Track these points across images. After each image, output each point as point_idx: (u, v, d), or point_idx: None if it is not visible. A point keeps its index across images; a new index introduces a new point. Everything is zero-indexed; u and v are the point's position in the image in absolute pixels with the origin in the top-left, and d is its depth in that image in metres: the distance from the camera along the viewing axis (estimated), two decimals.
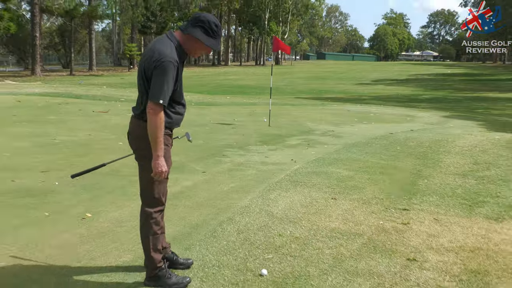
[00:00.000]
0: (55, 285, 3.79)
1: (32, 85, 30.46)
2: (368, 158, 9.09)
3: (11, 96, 20.72)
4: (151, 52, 3.49)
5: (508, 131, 13.92)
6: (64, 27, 61.01)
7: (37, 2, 45.87)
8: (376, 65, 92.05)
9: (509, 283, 3.94)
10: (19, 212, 5.54)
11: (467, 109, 24.97)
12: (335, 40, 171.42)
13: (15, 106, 17.06)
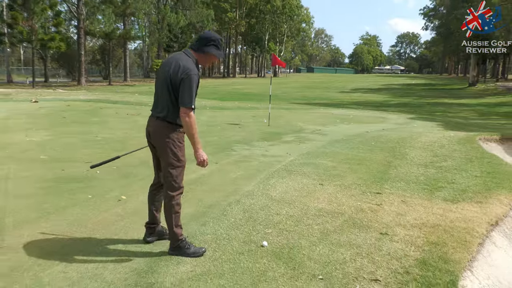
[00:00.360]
0: (96, 254, 3.79)
1: (78, 93, 30.44)
2: (348, 151, 9.06)
3: (61, 102, 20.71)
4: (176, 67, 3.55)
5: (461, 130, 13.88)
6: (104, 46, 60.99)
7: (82, 26, 45.91)
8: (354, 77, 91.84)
9: (462, 252, 3.92)
10: (68, 195, 5.54)
11: (427, 112, 24.93)
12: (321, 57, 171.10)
13: (65, 109, 17.06)
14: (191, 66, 3.57)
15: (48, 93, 29.23)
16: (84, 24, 46.35)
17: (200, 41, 3.74)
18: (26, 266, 3.53)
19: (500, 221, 5.06)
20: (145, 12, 56.04)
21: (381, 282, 3.37)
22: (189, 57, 3.66)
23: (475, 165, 7.78)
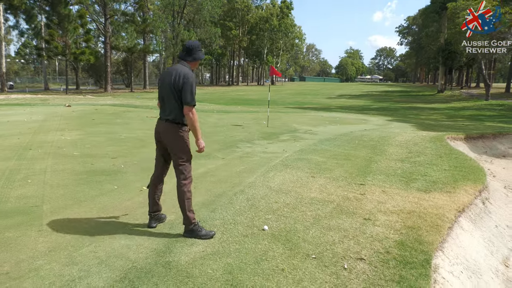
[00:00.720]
0: (121, 236, 3.77)
1: (105, 99, 30.37)
2: (336, 149, 9.03)
3: (91, 106, 20.65)
4: (177, 76, 3.71)
5: (431, 130, 13.83)
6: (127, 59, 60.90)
7: (108, 42, 45.85)
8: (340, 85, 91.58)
9: (434, 235, 3.89)
10: (97, 186, 5.51)
11: (403, 115, 24.86)
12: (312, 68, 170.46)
13: (93, 112, 17.00)
14: (189, 72, 3.74)
15: (79, 98, 29.17)
16: (110, 40, 46.30)
17: (190, 51, 3.86)
18: (62, 246, 3.51)
19: (466, 208, 5.03)
20: (162, 30, 55.90)
21: (365, 260, 3.34)
22: (185, 66, 3.80)
23: (444, 160, 7.74)
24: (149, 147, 8.79)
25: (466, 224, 4.71)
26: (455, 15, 37.74)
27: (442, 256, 3.69)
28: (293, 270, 3.16)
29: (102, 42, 54.12)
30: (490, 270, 4.08)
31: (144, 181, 5.84)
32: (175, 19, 61.27)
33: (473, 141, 12.39)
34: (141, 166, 6.89)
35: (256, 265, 3.22)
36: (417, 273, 3.12)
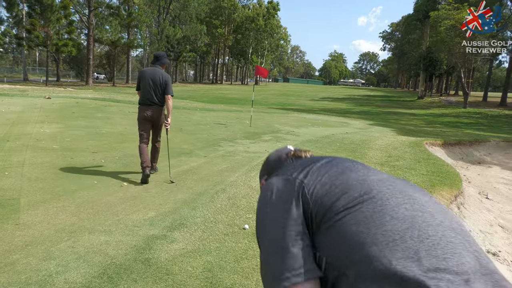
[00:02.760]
0: (100, 232, 3.73)
1: (86, 92, 29.88)
2: (317, 150, 9.10)
3: (71, 99, 20.29)
4: (161, 76, 5.65)
5: (411, 135, 14.07)
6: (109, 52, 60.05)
7: (92, 34, 45.09)
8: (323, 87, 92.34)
9: None
10: (76, 180, 5.43)
11: (383, 119, 25.20)
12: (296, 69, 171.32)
13: (74, 106, 16.71)
14: (167, 74, 5.75)
15: (59, 91, 28.63)
16: (93, 32, 45.54)
17: (161, 58, 5.81)
18: (39, 241, 3.45)
19: None
20: (147, 24, 55.23)
21: None
22: (161, 69, 5.73)
23: (422, 165, 7.90)
24: (130, 142, 8.71)
25: None
26: (437, 24, 38.50)
27: None
28: None
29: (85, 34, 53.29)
30: None
31: (124, 176, 5.79)
32: (161, 15, 60.75)
33: (451, 147, 12.66)
34: (122, 161, 6.82)
35: (236, 264, 3.23)
36: None
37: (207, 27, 69.52)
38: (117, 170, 6.18)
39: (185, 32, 62.98)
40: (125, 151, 7.77)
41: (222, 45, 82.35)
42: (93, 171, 6.04)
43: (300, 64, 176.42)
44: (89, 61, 45.62)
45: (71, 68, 65.69)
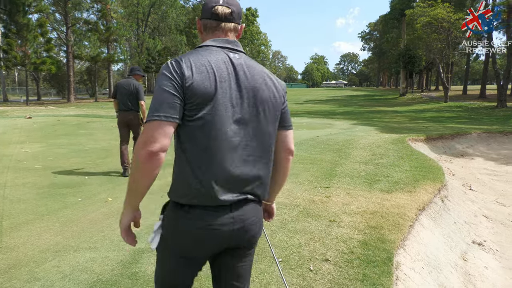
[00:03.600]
0: (86, 249, 3.69)
1: (68, 109, 29.57)
2: (302, 153, 9.16)
3: (53, 117, 20.06)
4: (133, 85, 6.82)
5: (394, 132, 14.23)
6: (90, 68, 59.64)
7: (71, 51, 44.74)
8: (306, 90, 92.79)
9: (396, 233, 4.03)
10: (60, 199, 5.37)
11: (367, 118, 25.45)
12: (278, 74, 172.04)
13: (56, 124, 16.53)
14: (138, 83, 6.94)
15: (40, 110, 28.28)
16: (72, 49, 45.17)
17: (134, 70, 7.10)
18: (23, 263, 3.40)
19: (426, 206, 5.22)
20: (127, 38, 55.05)
21: (330, 261, 3.42)
22: (134, 79, 6.92)
23: (405, 161, 8.00)
24: (114, 157, 8.64)
25: (426, 221, 4.89)
26: (413, 21, 39.16)
27: (404, 254, 3.82)
28: (260, 274, 3.20)
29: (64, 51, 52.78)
30: (449, 265, 4.26)
31: (109, 192, 5.74)
32: (140, 27, 60.63)
33: (433, 142, 12.86)
34: (107, 177, 6.77)
35: None
36: (379, 270, 3.22)
37: (187, 37, 69.56)
38: (102, 186, 6.13)
39: (165, 44, 62.96)
40: (109, 166, 7.71)
41: None
42: (77, 188, 5.98)
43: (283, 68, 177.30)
44: (70, 78, 45.21)
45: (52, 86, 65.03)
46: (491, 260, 4.81)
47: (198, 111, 1.51)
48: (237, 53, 1.68)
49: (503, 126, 17.14)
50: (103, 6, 48.69)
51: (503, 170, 10.26)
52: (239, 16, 1.74)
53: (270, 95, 1.67)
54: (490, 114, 26.18)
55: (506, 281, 4.35)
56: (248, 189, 1.62)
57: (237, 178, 1.57)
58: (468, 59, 53.06)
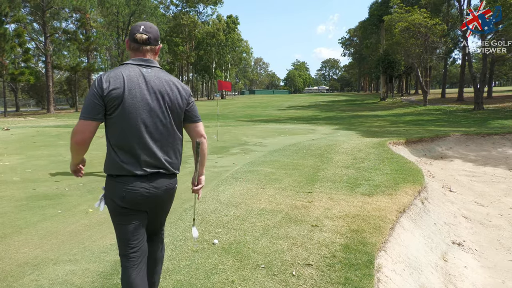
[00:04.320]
0: (66, 261, 3.63)
1: (47, 120, 29.09)
2: (284, 159, 9.20)
3: (32, 128, 19.72)
4: None
5: (375, 136, 14.43)
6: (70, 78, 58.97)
7: (50, 61, 44.06)
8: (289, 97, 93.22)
9: (377, 236, 4.08)
10: (39, 211, 5.28)
11: (348, 123, 25.71)
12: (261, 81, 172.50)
13: (35, 135, 16.24)
14: None
15: (19, 121, 27.75)
16: (51, 59, 44.53)
17: None
18: (0, 277, 3.33)
19: (406, 208, 5.30)
20: (107, 47, 54.59)
21: (313, 266, 3.44)
22: None
23: (386, 165, 8.11)
24: (96, 167, 8.53)
25: (407, 223, 4.96)
26: (391, 27, 39.87)
27: (385, 256, 3.87)
28: (243, 281, 3.20)
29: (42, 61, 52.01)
30: (430, 266, 4.32)
31: (90, 203, 5.66)
32: (120, 36, 60.15)
33: (413, 145, 13.07)
34: (87, 187, 6.68)
35: (206, 280, 3.22)
36: (361, 273, 3.25)
37: (168, 45, 69.34)
38: (82, 197, 6.05)
39: None
40: (90, 176, 7.60)
41: (185, 62, 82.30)
42: (57, 200, 5.88)
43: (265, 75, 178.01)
44: (49, 88, 44.50)
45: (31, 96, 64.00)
46: (471, 260, 4.90)
47: (115, 109, 2.22)
48: (149, 68, 2.34)
49: (481, 128, 17.55)
50: (82, 16, 48.30)
51: (481, 171, 10.49)
52: (156, 40, 2.39)
53: (175, 97, 2.34)
54: (468, 116, 26.76)
55: (485, 280, 4.44)
56: (158, 165, 2.34)
57: (147, 158, 2.29)
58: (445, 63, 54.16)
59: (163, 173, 2.38)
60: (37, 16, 45.86)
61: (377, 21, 56.01)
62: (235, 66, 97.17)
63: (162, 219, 2.73)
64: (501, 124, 20.47)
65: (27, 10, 44.94)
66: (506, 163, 11.41)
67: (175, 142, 2.43)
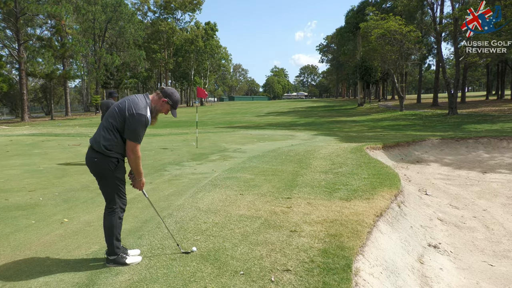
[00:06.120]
0: (39, 273, 3.54)
1: (21, 129, 28.40)
2: (264, 165, 9.21)
3: (5, 137, 19.20)
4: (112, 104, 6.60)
5: (353, 141, 14.61)
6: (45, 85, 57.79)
7: (24, 68, 43.11)
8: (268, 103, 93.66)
9: (355, 240, 4.12)
10: (11, 222, 5.12)
11: (327, 128, 25.98)
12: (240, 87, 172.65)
13: (8, 144, 15.81)
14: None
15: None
16: (25, 66, 43.57)
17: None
18: None
19: (383, 212, 5.38)
20: (83, 54, 53.77)
21: (291, 271, 3.45)
22: (114, 100, 7.09)
23: (363, 169, 8.22)
24: (71, 176, 8.38)
25: (384, 227, 5.03)
26: (367, 34, 40.63)
27: (363, 260, 3.91)
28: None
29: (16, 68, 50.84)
30: (407, 268, 4.39)
31: (65, 213, 5.54)
32: (97, 43, 59.41)
33: (390, 149, 13.30)
34: (62, 197, 6.53)
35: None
36: (339, 278, 3.28)
37: (146, 52, 68.80)
38: (57, 207, 5.91)
39: (124, 59, 62.02)
40: (65, 185, 7.45)
41: (163, 69, 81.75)
42: (31, 210, 5.73)
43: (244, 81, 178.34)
44: (23, 96, 43.50)
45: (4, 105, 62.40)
46: (446, 262, 5.00)
47: None
48: None
49: (455, 132, 18.00)
50: (58, 22, 47.52)
51: (456, 174, 10.74)
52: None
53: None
54: (443, 121, 27.42)
55: (460, 281, 4.54)
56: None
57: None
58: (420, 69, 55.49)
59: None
60: (10, 23, 44.86)
61: (353, 28, 57.02)
62: (214, 73, 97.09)
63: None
64: (474, 128, 21.05)
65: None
66: (479, 166, 11.72)
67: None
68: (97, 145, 3.50)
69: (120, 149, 3.56)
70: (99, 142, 3.49)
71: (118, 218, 3.64)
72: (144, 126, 3.52)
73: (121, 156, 3.60)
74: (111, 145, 3.50)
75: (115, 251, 3.61)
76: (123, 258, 3.64)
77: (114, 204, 3.63)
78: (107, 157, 3.50)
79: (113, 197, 3.62)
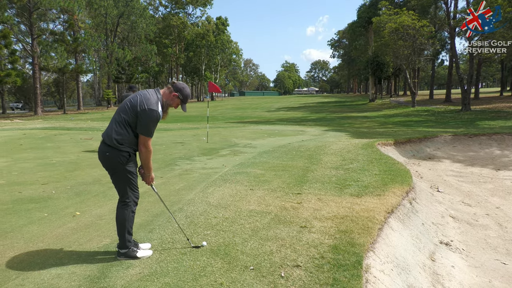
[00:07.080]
0: (52, 265, 3.58)
1: (34, 122, 28.75)
2: (274, 160, 9.20)
3: (19, 131, 19.47)
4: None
5: (364, 137, 14.51)
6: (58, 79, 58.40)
7: (37, 62, 43.57)
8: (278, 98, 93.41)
9: (365, 237, 4.09)
10: (25, 215, 5.20)
11: (338, 124, 25.83)
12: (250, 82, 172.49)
13: (21, 137, 16.03)
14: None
15: (5, 123, 27.38)
16: (38, 60, 44.01)
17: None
18: None
19: (394, 209, 5.34)
20: (95, 49, 54.09)
21: (301, 267, 3.44)
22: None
23: (374, 166, 8.16)
24: (83, 170, 8.46)
25: (395, 224, 5.00)
26: (380, 29, 40.19)
27: (374, 256, 3.89)
28: (232, 283, 3.19)
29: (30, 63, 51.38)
30: (418, 266, 4.36)
31: (78, 206, 5.60)
32: (109, 38, 59.76)
33: (402, 145, 13.18)
34: (75, 190, 6.61)
35: (194, 282, 3.20)
36: (349, 274, 3.27)
37: (157, 46, 69.02)
38: (69, 200, 5.98)
39: (135, 53, 62.23)
40: (77, 179, 7.53)
41: (174, 64, 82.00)
42: (43, 203, 5.81)
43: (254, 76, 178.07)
44: (36, 90, 44.00)
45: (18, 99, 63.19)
46: (458, 259, 4.95)
47: None
48: None
49: (468, 129, 17.76)
50: (70, 17, 47.85)
51: (469, 171, 10.61)
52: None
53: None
54: (456, 117, 27.07)
55: (472, 279, 4.49)
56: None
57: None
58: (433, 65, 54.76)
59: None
60: (24, 17, 45.31)
61: (365, 23, 56.39)
62: (225, 68, 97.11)
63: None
64: (488, 125, 20.75)
65: (13, 11, 44.34)
66: (492, 164, 11.56)
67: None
68: (109, 139, 3.54)
69: (132, 143, 3.57)
70: (111, 136, 3.53)
71: (131, 212, 3.68)
72: (155, 121, 3.55)
73: (133, 150, 3.62)
74: (122, 139, 3.53)
75: (127, 245, 3.65)
76: (134, 252, 3.67)
77: (127, 197, 3.66)
78: (119, 151, 3.53)
79: (125, 191, 3.65)
